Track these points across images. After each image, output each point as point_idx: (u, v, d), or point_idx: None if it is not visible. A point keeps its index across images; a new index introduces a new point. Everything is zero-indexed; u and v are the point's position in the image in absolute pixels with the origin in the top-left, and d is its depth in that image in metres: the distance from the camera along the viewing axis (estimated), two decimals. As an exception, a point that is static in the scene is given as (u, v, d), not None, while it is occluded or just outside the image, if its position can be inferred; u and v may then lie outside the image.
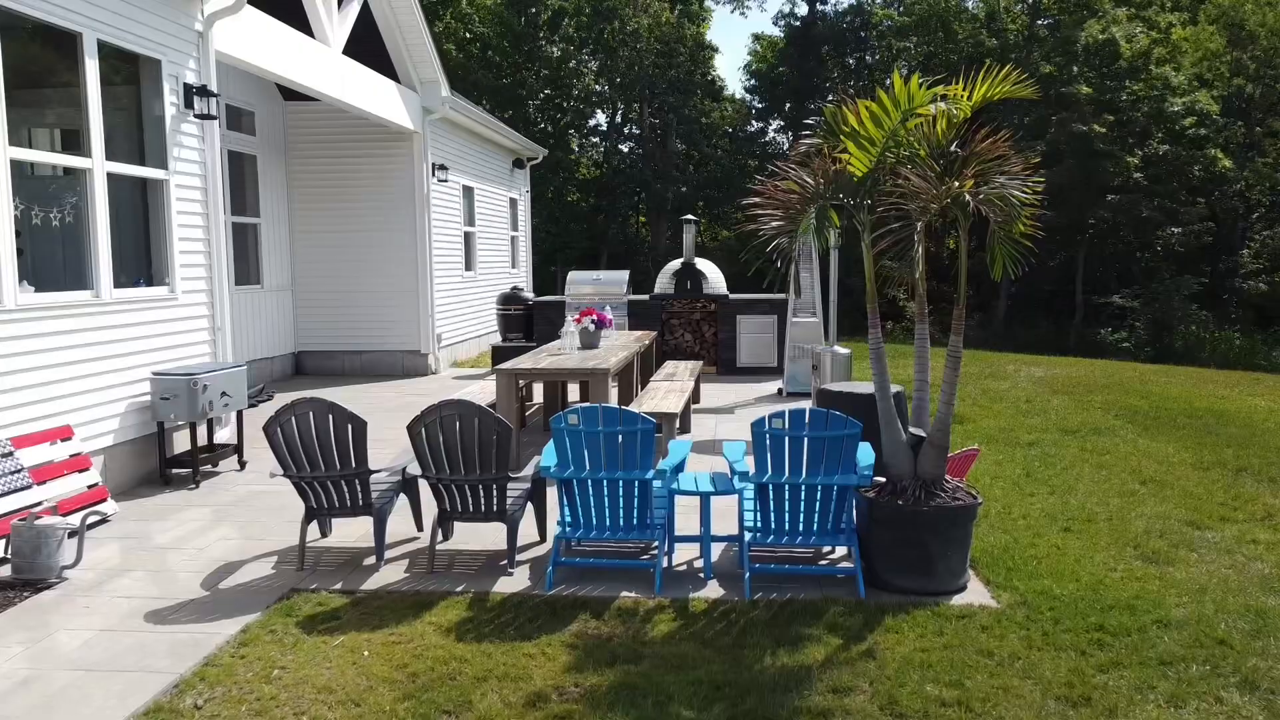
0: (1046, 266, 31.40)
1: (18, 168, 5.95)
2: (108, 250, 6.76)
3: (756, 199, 4.83)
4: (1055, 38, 29.64)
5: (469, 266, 15.86)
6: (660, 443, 5.29)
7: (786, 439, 4.63)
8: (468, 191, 15.76)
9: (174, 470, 7.23)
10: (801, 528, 4.83)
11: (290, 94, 13.28)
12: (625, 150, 36.17)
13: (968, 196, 4.38)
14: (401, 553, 5.44)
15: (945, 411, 4.82)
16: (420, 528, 5.76)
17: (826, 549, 5.35)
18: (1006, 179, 4.61)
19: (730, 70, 71.88)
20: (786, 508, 4.79)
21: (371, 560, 5.30)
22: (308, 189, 13.61)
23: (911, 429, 4.99)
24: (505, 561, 5.21)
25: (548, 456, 5.06)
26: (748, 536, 4.87)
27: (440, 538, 5.43)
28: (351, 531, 5.79)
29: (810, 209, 4.72)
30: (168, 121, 7.43)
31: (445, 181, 14.15)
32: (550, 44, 31.93)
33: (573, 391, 10.56)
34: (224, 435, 8.05)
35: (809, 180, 4.71)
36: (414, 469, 5.11)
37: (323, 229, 13.64)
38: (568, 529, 4.98)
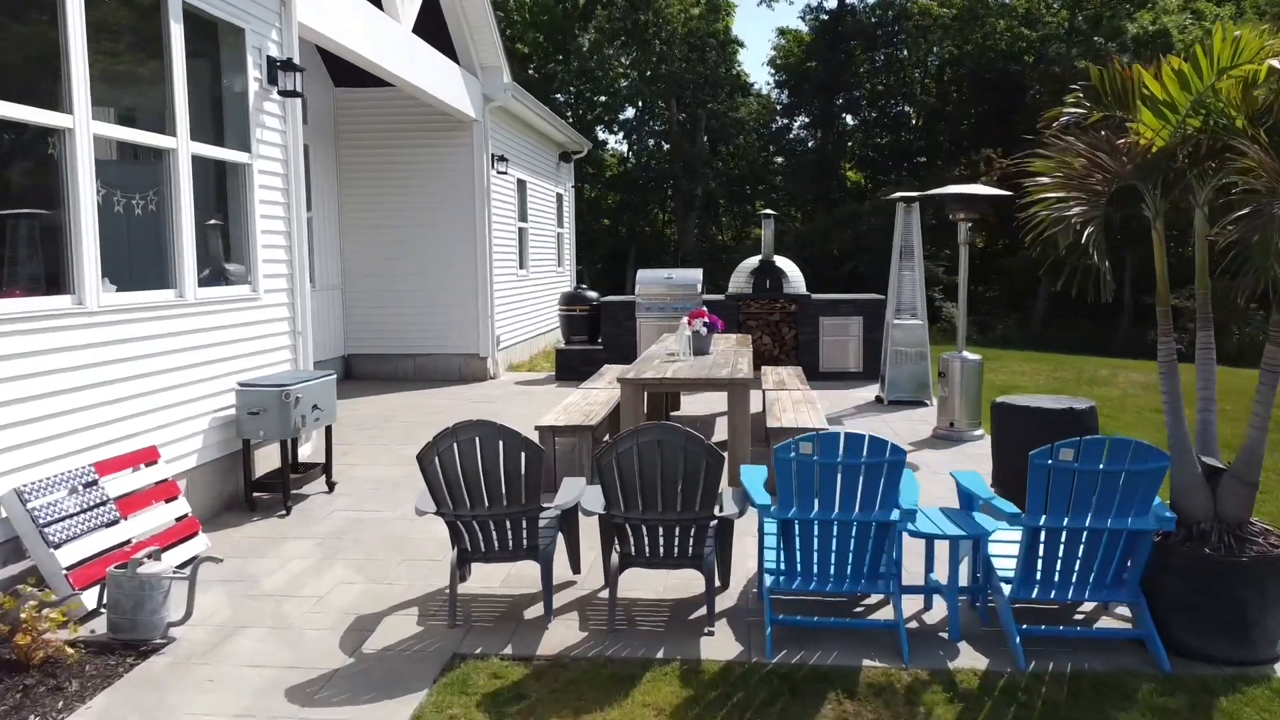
0: (1086, 265, 30.50)
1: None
2: (192, 244, 5.89)
3: (1044, 179, 3.96)
4: (1103, 28, 28.71)
5: (522, 265, 14.99)
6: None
7: (1075, 473, 3.77)
8: (521, 185, 14.89)
9: (259, 495, 6.37)
10: (1076, 580, 3.96)
11: (340, 79, 12.43)
12: (652, 145, 35.28)
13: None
14: (563, 602, 4.57)
15: (1258, 438, 3.95)
16: (577, 569, 4.89)
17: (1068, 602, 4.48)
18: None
19: (752, 65, 70.81)
20: (1061, 555, 3.93)
21: (533, 611, 4.43)
22: (358, 181, 12.74)
23: (1202, 459, 4.12)
24: (703, 610, 4.34)
25: (758, 492, 4.19)
26: (1005, 589, 4.00)
27: (604, 582, 4.57)
28: (493, 573, 4.91)
29: (1110, 190, 3.84)
30: (250, 99, 6.57)
31: (505, 174, 13.28)
32: (582, 35, 30.93)
33: (687, 404, 9.69)
34: (305, 451, 7.19)
35: (1104, 157, 3.83)
36: (591, 504, 4.24)
37: (374, 224, 12.77)
38: (780, 579, 4.11)
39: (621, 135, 35.85)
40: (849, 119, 38.20)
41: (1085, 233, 3.76)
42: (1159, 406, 10.70)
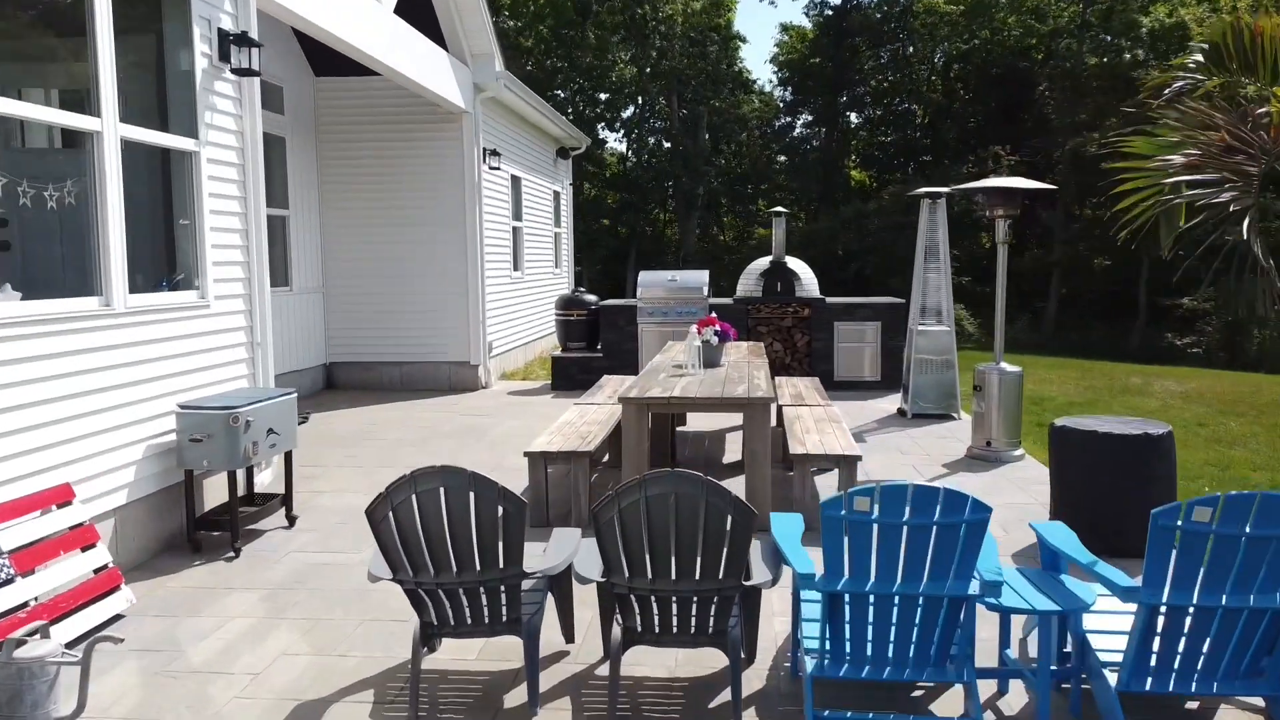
0: (1099, 265, 29.79)
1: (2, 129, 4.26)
2: (121, 243, 5.04)
3: (1175, 158, 3.12)
4: (1114, 23, 27.86)
5: (516, 266, 14.15)
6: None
7: (1211, 537, 2.92)
8: (515, 182, 14.06)
9: (205, 533, 5.52)
10: (1202, 668, 3.12)
11: (322, 67, 11.61)
12: (652, 143, 34.44)
13: None
14: (553, 681, 3.73)
15: None
16: (570, 638, 4.05)
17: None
18: None
19: (755, 63, 69.87)
20: (1186, 637, 3.08)
21: (516, 697, 3.59)
22: (340, 177, 11.90)
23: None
24: (725, 696, 3.50)
25: (796, 552, 3.34)
26: (1110, 677, 3.16)
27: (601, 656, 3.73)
28: (468, 642, 4.07)
29: (1264, 170, 3.01)
30: (198, 77, 5.72)
31: (497, 170, 12.44)
32: (590, 31, 29.91)
33: (693, 418, 8.81)
34: (265, 479, 6.35)
35: (1240, 131, 3.00)
36: (587, 569, 3.40)
37: (358, 222, 11.93)
38: (825, 662, 3.27)
39: (622, 133, 35.04)
40: (853, 117, 37.41)
41: (1244, 223, 2.92)
42: (1204, 420, 9.87)
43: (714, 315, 7.52)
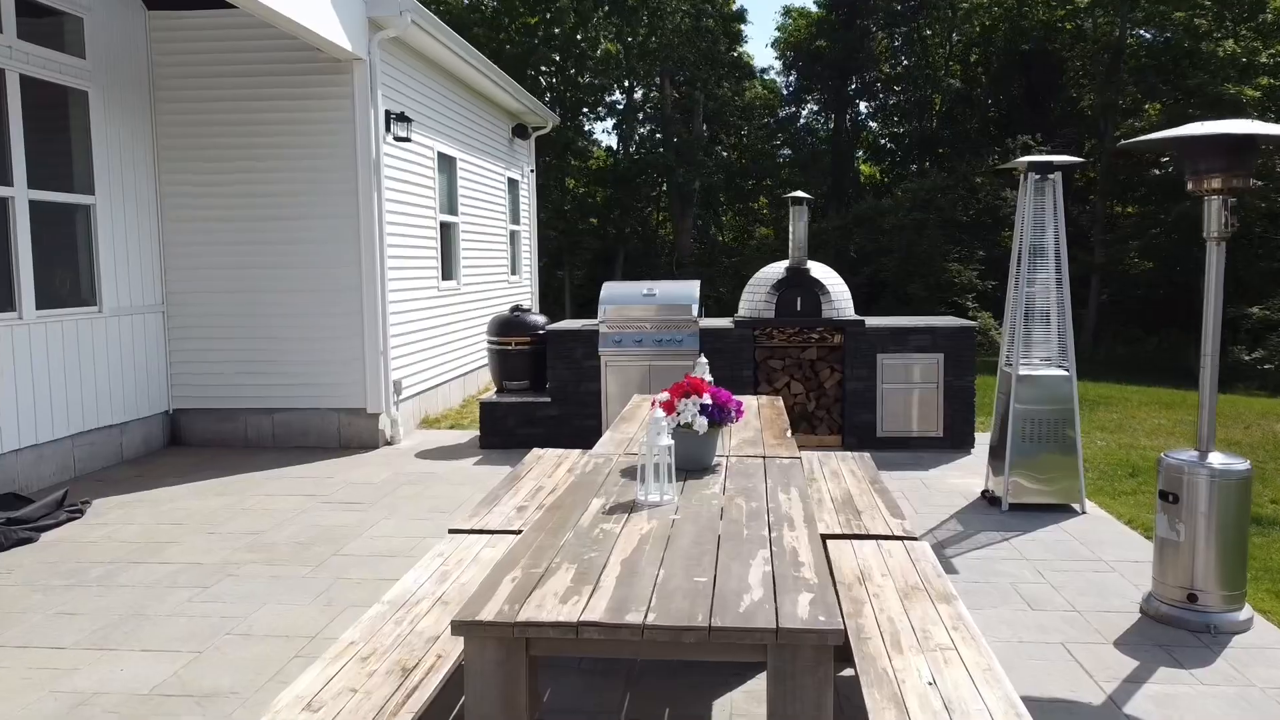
0: (1141, 268, 26.43)
1: None
2: None
3: None
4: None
5: (448, 274, 10.71)
6: None
7: None
8: (446, 162, 10.63)
9: None
10: None
11: (156, -3, 8.24)
12: (644, 132, 30.95)
13: None
14: None
15: None
16: None
17: None
18: None
19: (755, 47, 66.12)
20: None
21: None
22: (186, 152, 8.50)
23: None
24: None
25: None
26: None
27: None
28: None
29: None
30: None
31: (408, 141, 9.01)
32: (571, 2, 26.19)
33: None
34: None
35: None
36: None
37: (211, 215, 8.54)
38: None
39: (611, 123, 31.56)
40: (863, 105, 34.08)
41: None
42: None
43: (704, 375, 4.12)
